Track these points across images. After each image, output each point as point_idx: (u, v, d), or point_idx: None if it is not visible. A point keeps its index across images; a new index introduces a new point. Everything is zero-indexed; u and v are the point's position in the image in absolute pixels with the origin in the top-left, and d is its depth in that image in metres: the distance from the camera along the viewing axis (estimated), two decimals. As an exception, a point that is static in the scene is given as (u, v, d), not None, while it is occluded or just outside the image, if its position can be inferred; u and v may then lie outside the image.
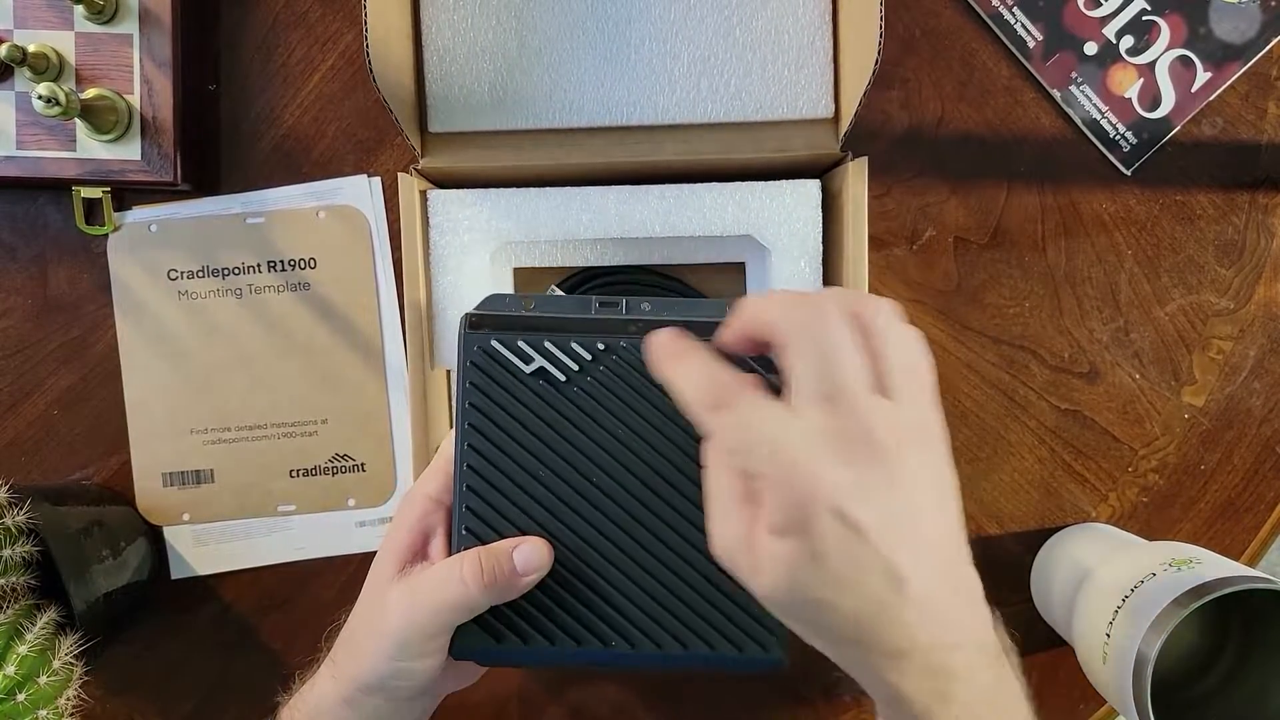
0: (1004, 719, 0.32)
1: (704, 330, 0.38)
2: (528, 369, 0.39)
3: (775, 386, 0.32)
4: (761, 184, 0.52)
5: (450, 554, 0.39)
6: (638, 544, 0.38)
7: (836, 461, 0.29)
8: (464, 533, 0.39)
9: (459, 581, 0.37)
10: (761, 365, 0.35)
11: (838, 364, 0.30)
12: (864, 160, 0.49)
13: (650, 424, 0.39)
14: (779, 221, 0.52)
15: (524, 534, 0.38)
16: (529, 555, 0.37)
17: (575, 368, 0.39)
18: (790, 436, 0.30)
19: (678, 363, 0.34)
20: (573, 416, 0.39)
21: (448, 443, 0.40)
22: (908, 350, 0.32)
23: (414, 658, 0.38)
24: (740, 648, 0.38)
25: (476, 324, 0.40)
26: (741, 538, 0.31)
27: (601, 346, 0.39)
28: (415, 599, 0.38)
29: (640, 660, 0.38)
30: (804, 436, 0.30)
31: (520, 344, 0.39)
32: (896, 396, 0.31)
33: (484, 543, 0.38)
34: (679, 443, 0.38)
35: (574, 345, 0.39)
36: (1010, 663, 0.33)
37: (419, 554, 0.40)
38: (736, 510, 0.31)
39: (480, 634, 0.38)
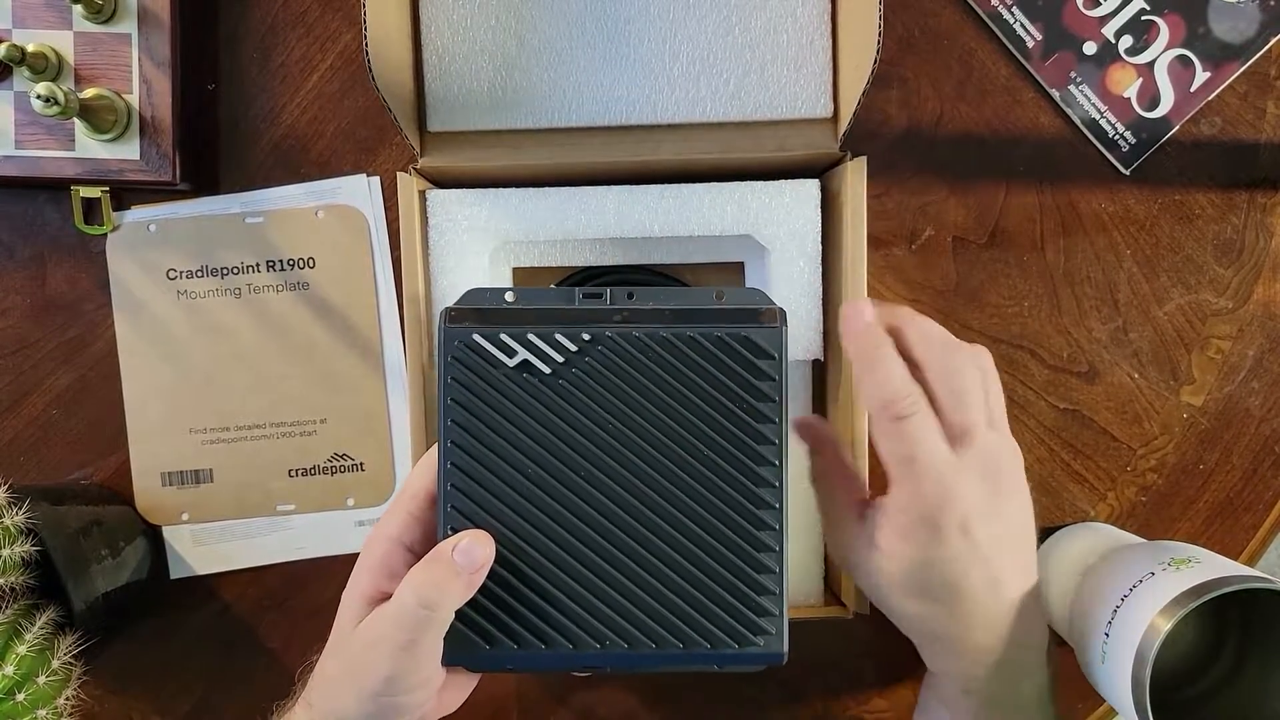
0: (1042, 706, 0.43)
1: (689, 319, 0.37)
2: (511, 362, 0.38)
3: None
4: (760, 184, 0.52)
5: None
6: (630, 539, 0.37)
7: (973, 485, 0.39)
8: (449, 534, 0.37)
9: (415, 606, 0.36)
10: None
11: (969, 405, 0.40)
12: (863, 160, 0.49)
13: (640, 415, 0.37)
14: (778, 221, 0.52)
15: (512, 533, 0.37)
16: (468, 550, 0.36)
17: (560, 359, 0.38)
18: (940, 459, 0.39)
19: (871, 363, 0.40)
20: (559, 410, 0.38)
21: (412, 476, 0.39)
22: (999, 389, 0.41)
23: (403, 692, 0.37)
24: (739, 643, 0.37)
25: (457, 318, 0.38)
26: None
27: (587, 337, 0.38)
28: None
29: (638, 661, 0.37)
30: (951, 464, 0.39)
31: (503, 337, 0.38)
32: (1000, 429, 0.41)
33: None
34: (668, 433, 0.37)
35: (558, 336, 0.38)
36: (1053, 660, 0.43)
37: (384, 596, 0.38)
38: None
39: (469, 638, 0.37)
